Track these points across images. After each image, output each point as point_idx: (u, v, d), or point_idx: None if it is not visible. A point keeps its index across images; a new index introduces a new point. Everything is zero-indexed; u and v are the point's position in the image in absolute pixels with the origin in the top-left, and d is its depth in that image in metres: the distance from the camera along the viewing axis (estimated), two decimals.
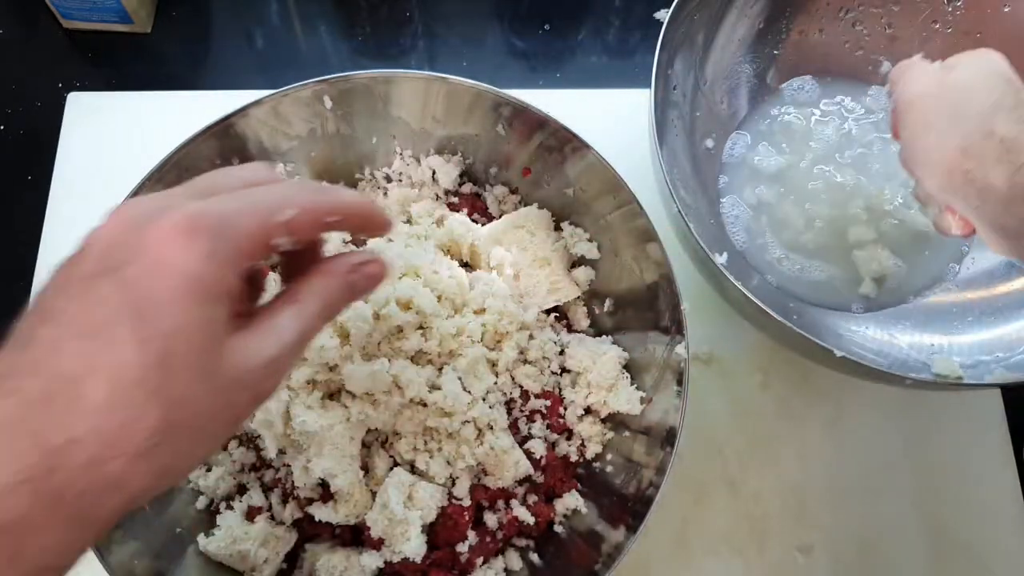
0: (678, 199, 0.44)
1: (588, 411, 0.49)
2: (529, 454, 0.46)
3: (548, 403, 0.48)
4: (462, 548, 0.44)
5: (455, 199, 0.54)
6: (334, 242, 0.51)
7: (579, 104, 0.62)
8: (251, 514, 0.45)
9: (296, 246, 0.27)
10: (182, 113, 0.57)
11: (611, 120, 0.55)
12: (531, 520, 0.45)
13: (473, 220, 0.52)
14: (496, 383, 0.46)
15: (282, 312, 0.27)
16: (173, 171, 0.45)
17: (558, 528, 0.47)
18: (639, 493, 0.43)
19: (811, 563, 0.52)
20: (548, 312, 0.51)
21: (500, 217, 0.52)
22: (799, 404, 0.56)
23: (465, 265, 0.50)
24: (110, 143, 0.60)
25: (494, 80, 0.47)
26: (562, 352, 0.49)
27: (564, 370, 0.49)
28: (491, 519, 0.46)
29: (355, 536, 0.46)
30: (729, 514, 0.53)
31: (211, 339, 0.24)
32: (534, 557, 0.47)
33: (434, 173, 0.53)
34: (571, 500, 0.47)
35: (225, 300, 0.25)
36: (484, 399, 0.45)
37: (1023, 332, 0.50)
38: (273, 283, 0.50)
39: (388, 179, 0.54)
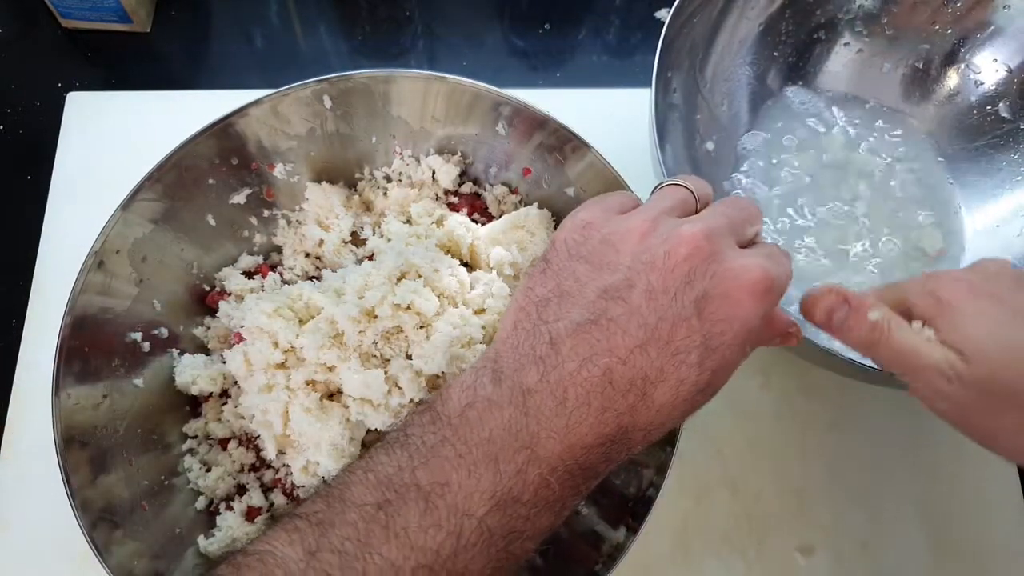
0: None
1: None
2: None
3: None
4: None
5: (455, 199, 0.54)
6: (332, 241, 0.51)
7: (579, 104, 0.62)
8: (251, 514, 0.45)
9: None
10: (181, 113, 0.57)
11: (611, 120, 0.55)
12: None
13: (473, 220, 0.52)
14: None
15: (745, 352, 0.32)
16: (173, 171, 0.45)
17: (558, 528, 0.47)
18: (639, 493, 0.43)
19: (811, 563, 0.52)
20: None
21: (500, 217, 0.52)
22: (800, 405, 0.56)
23: (465, 265, 0.50)
24: (109, 143, 0.60)
25: (494, 80, 0.47)
26: None
27: None
28: None
29: None
30: (729, 514, 0.53)
31: (726, 371, 0.31)
32: (534, 557, 0.47)
33: (434, 173, 0.53)
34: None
35: None
36: None
37: None
38: (272, 282, 0.50)
39: (388, 179, 0.54)
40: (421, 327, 0.44)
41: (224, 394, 0.48)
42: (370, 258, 0.50)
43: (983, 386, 0.31)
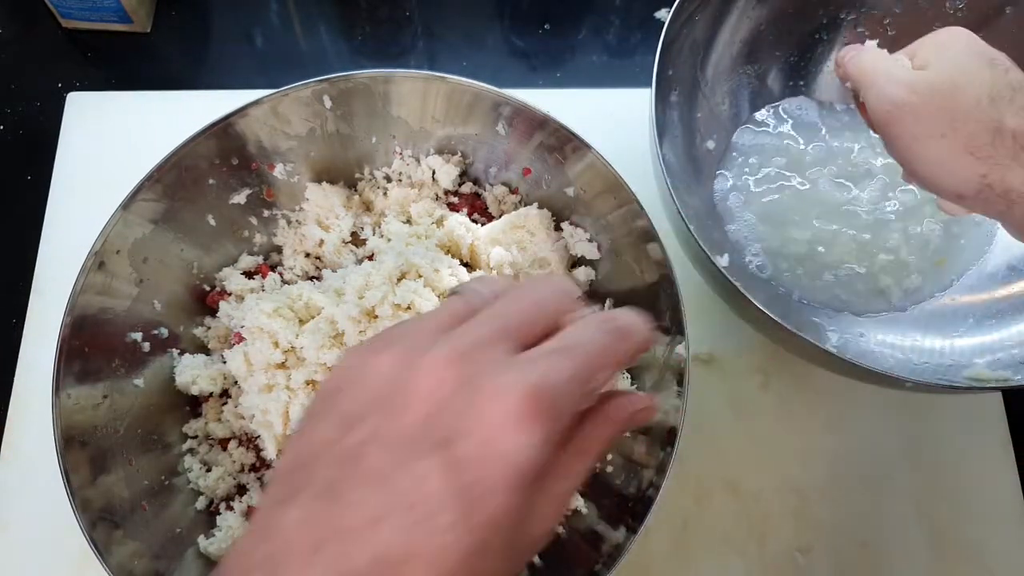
0: (678, 199, 0.44)
1: None
2: None
3: None
4: None
5: (455, 199, 0.54)
6: (332, 241, 0.51)
7: (579, 104, 0.62)
8: (251, 514, 0.45)
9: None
10: (182, 113, 0.57)
11: (611, 120, 0.55)
12: None
13: (473, 220, 0.52)
14: None
15: (573, 470, 0.26)
16: (173, 171, 0.45)
17: (558, 528, 0.47)
18: (639, 493, 0.43)
19: (811, 563, 0.52)
20: None
21: (500, 217, 0.52)
22: (799, 404, 0.56)
23: (465, 265, 0.50)
24: (110, 143, 0.60)
25: (494, 80, 0.47)
26: None
27: None
28: None
29: None
30: (729, 514, 0.53)
31: (523, 520, 0.24)
32: (534, 557, 0.47)
33: (434, 173, 0.53)
34: (571, 500, 0.47)
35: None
36: None
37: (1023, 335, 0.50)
38: (272, 282, 0.50)
39: (388, 179, 0.54)
40: None
41: (224, 394, 0.48)
42: (370, 258, 0.50)
43: (930, 92, 0.38)
